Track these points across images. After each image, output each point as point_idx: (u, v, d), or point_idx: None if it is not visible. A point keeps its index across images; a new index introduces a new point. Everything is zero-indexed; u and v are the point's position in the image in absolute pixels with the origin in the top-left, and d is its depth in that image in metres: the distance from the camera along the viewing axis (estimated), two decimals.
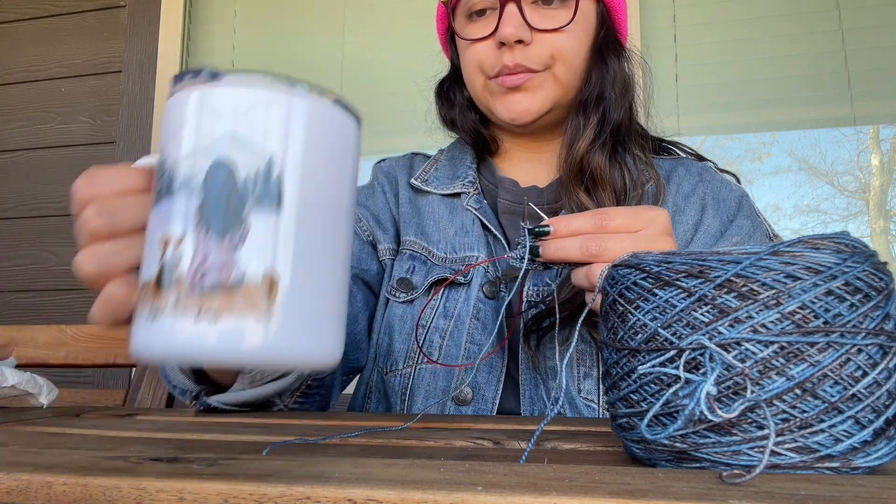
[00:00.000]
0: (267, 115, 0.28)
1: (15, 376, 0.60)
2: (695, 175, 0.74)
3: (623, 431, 0.33)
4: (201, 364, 0.31)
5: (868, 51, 1.49)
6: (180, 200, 0.28)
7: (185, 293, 0.27)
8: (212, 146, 0.28)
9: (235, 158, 0.27)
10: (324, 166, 0.30)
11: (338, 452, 0.36)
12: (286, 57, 1.83)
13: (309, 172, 0.29)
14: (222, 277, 0.27)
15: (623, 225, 0.50)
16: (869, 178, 1.52)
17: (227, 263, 0.27)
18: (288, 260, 0.28)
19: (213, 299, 0.26)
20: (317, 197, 0.29)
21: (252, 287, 0.27)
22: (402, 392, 0.70)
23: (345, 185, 0.31)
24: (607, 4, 0.73)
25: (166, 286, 0.27)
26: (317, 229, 0.29)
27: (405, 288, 0.74)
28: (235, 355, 0.27)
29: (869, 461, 0.28)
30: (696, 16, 1.58)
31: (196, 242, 0.27)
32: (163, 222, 0.28)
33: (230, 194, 0.27)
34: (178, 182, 0.28)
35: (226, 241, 0.27)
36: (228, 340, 0.26)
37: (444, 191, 0.78)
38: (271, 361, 0.28)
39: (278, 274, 0.27)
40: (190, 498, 0.25)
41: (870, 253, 0.30)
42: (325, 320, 0.29)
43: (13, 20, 1.92)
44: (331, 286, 0.30)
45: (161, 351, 0.28)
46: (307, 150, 0.29)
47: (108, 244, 0.32)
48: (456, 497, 0.23)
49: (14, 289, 1.81)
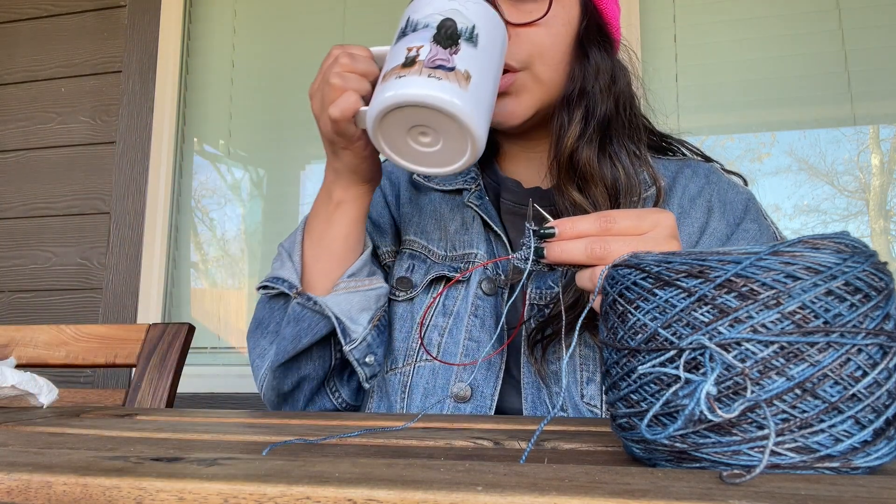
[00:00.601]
0: (471, 4, 0.56)
1: (15, 376, 0.60)
2: (701, 177, 0.74)
3: (623, 431, 0.33)
4: (424, 103, 0.51)
5: (868, 51, 1.49)
6: (422, 32, 0.54)
7: (424, 66, 0.51)
8: (443, 10, 0.55)
9: (456, 18, 0.54)
10: (492, 32, 0.57)
11: (338, 452, 0.36)
12: (286, 57, 1.83)
13: (488, 34, 0.56)
14: (445, 63, 0.52)
15: (628, 227, 0.50)
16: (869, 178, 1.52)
17: (448, 59, 0.52)
18: (477, 69, 0.53)
19: (438, 72, 0.51)
20: (491, 45, 0.56)
21: (459, 73, 0.52)
22: (401, 390, 0.69)
23: (499, 42, 0.58)
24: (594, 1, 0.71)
25: (410, 64, 0.52)
26: (489, 60, 0.55)
27: (405, 286, 0.74)
28: (444, 101, 0.50)
29: (869, 461, 0.28)
30: (696, 16, 1.58)
31: (431, 47, 0.53)
32: (408, 42, 0.54)
33: (453, 32, 0.54)
34: (421, 25, 0.54)
35: (448, 51, 0.53)
36: (443, 90, 0.50)
37: (445, 187, 0.78)
38: (459, 113, 0.51)
39: (471, 73, 0.52)
40: (190, 498, 0.25)
41: (870, 253, 0.30)
42: (485, 110, 0.54)
43: (13, 20, 1.92)
44: (491, 91, 0.56)
45: (404, 91, 0.51)
46: (487, 23, 0.56)
47: (347, 73, 0.60)
48: (456, 497, 0.23)
49: (14, 289, 1.81)
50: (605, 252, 0.49)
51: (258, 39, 1.86)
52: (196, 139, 1.85)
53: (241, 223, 1.83)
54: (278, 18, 1.84)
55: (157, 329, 0.93)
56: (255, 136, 1.84)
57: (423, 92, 0.50)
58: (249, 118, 1.83)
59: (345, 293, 0.67)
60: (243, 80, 1.84)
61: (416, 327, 0.71)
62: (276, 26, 1.84)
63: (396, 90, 0.51)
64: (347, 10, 1.79)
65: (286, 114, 1.81)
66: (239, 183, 1.86)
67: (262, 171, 1.86)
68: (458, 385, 0.67)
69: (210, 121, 1.85)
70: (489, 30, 0.56)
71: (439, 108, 0.51)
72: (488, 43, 0.55)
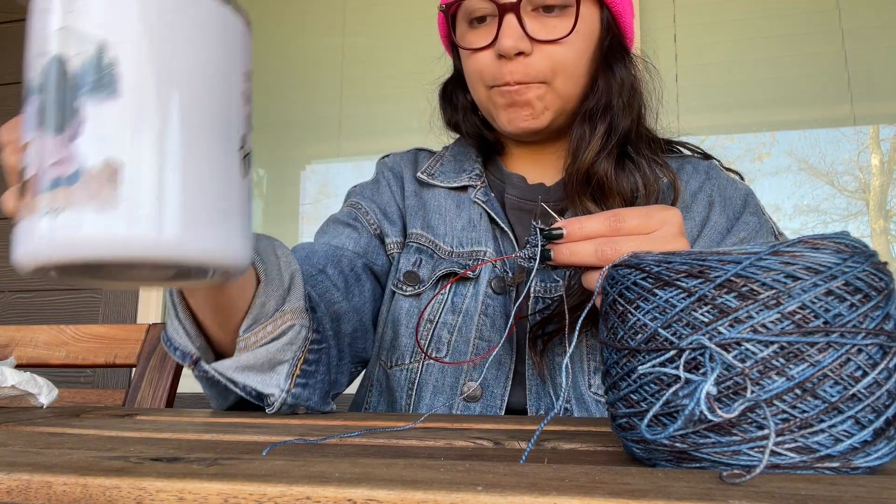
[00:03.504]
0: (96, 3, 0.27)
1: (15, 376, 0.60)
2: (701, 173, 0.75)
3: (623, 431, 0.33)
4: (57, 264, 0.28)
5: (868, 51, 1.49)
6: (28, 107, 0.29)
7: (33, 196, 0.27)
8: (46, 45, 0.28)
9: (68, 51, 0.27)
10: (181, 50, 0.28)
11: (338, 452, 0.36)
12: (286, 56, 1.83)
13: (156, 56, 0.27)
14: (61, 172, 0.26)
15: (637, 226, 0.48)
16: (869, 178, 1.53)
17: (65, 158, 0.26)
18: (132, 145, 0.26)
19: (55, 197, 0.26)
20: (171, 81, 0.27)
21: (91, 177, 0.26)
22: (408, 387, 0.69)
23: (217, 70, 0.29)
24: (612, 10, 0.71)
25: (25, 193, 0.28)
26: (173, 113, 0.27)
27: (412, 281, 0.73)
28: (79, 249, 0.26)
29: (869, 461, 0.28)
30: (696, 16, 1.58)
31: (38, 144, 0.27)
32: (21, 134, 0.29)
33: (63, 88, 0.27)
34: (30, 90, 0.29)
35: (63, 136, 0.26)
36: (69, 234, 0.26)
37: (450, 184, 0.78)
38: (124, 254, 0.26)
39: (121, 161, 0.26)
40: (190, 498, 0.25)
41: (870, 253, 0.30)
42: (199, 210, 0.27)
43: (13, 20, 1.92)
44: (203, 174, 0.28)
45: (21, 257, 0.28)
46: (151, 33, 0.27)
47: None
48: (456, 497, 0.23)
49: (14, 289, 1.80)
50: (616, 253, 0.47)
51: (258, 39, 1.85)
52: None
53: None
54: (278, 18, 1.84)
55: (157, 329, 0.93)
56: (255, 136, 1.83)
57: (41, 248, 0.27)
58: None
59: (247, 353, 0.53)
60: None
61: (424, 325, 0.70)
62: (276, 26, 1.84)
63: (12, 249, 0.28)
64: (347, 9, 1.79)
65: (286, 114, 1.81)
66: None
67: (262, 171, 1.86)
68: (469, 385, 0.67)
69: None
70: (159, 37, 0.28)
71: (84, 263, 0.28)
72: (163, 65, 0.28)
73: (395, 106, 1.68)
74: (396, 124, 1.68)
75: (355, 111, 1.75)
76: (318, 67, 1.78)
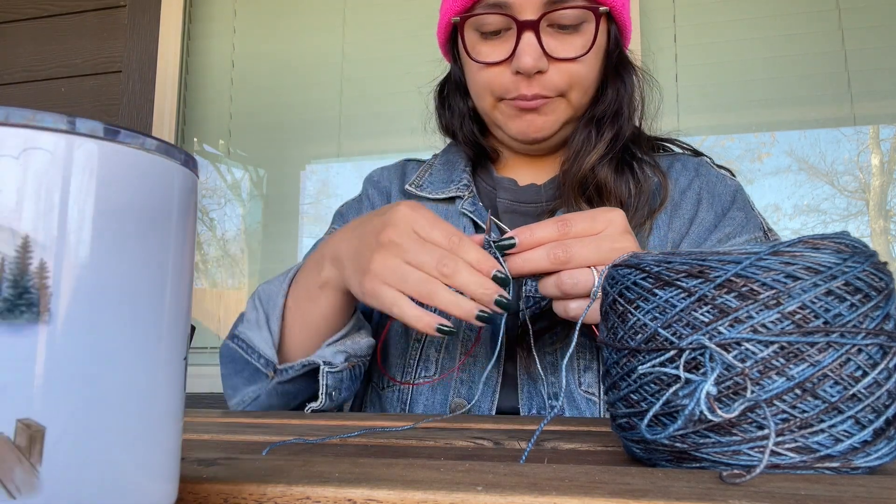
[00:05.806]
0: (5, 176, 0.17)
1: None
2: (691, 170, 0.75)
3: (623, 431, 0.33)
4: None
5: (868, 51, 1.49)
6: None
7: None
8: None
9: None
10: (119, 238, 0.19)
11: (338, 452, 0.36)
12: (286, 57, 1.83)
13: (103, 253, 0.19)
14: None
15: (585, 229, 0.51)
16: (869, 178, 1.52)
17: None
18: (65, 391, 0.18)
19: None
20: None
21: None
22: (400, 407, 0.69)
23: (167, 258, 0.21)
24: (619, 25, 0.72)
25: None
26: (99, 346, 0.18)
27: None
28: None
29: (869, 461, 0.28)
30: (696, 16, 1.58)
31: None
32: None
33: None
34: None
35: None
36: None
37: (438, 195, 0.77)
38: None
39: (39, 424, 0.17)
40: (190, 498, 0.25)
41: (870, 253, 0.30)
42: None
43: (13, 20, 1.92)
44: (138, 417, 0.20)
45: None
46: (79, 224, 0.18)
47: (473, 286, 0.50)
48: (456, 497, 0.23)
49: None
50: (568, 256, 0.50)
51: (258, 40, 1.86)
52: (196, 139, 1.85)
53: (241, 223, 1.83)
54: (278, 18, 1.84)
55: None
56: (255, 136, 1.84)
57: None
58: (249, 118, 1.83)
59: (322, 349, 0.63)
60: (243, 80, 1.84)
61: (412, 343, 0.70)
62: (277, 26, 1.84)
63: None
64: (347, 9, 1.79)
65: (286, 114, 1.81)
66: (239, 183, 1.86)
67: (262, 171, 1.86)
68: (456, 401, 0.67)
69: (210, 121, 1.85)
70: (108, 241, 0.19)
71: None
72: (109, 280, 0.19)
73: (395, 106, 1.68)
74: (396, 124, 1.68)
75: (355, 111, 1.75)
76: (318, 67, 1.78)
